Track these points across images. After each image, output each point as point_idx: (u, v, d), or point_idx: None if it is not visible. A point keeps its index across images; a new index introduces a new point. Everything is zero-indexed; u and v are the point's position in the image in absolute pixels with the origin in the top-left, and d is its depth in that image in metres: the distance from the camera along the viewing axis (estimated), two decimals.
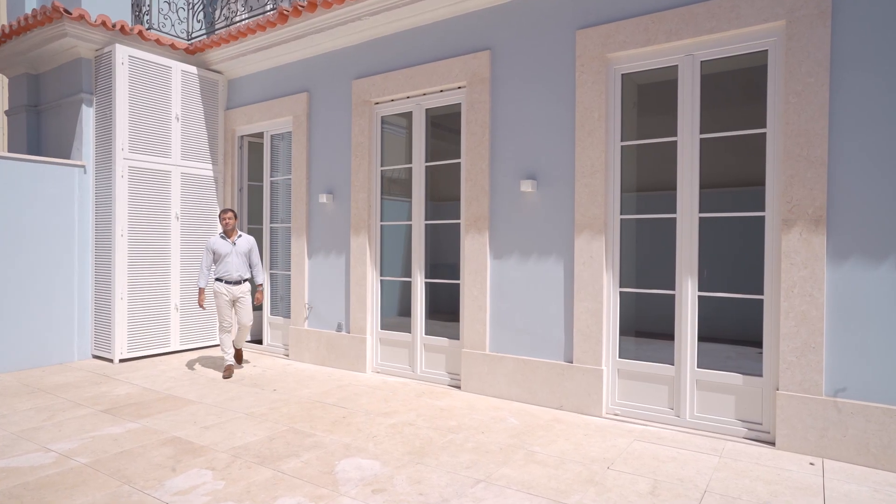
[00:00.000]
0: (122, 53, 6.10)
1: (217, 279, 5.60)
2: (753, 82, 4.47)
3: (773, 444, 3.65)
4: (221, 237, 5.64)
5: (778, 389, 3.63)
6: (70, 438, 3.77)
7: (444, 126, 5.90)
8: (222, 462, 3.38)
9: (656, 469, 3.30)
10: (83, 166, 6.31)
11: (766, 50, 3.74)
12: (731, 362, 5.67)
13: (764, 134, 3.78)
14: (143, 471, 3.24)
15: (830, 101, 3.46)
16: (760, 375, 3.78)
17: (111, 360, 6.15)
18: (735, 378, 3.86)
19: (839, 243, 3.45)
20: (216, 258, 5.59)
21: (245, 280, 5.68)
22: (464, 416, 4.31)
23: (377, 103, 5.78)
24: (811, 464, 3.36)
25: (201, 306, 5.61)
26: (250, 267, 5.78)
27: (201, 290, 5.62)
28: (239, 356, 5.97)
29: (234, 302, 5.64)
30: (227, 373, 5.56)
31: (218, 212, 7.13)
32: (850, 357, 3.42)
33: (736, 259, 6.53)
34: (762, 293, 3.78)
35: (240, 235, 5.72)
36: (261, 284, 5.88)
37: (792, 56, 3.56)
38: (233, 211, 5.74)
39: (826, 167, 3.46)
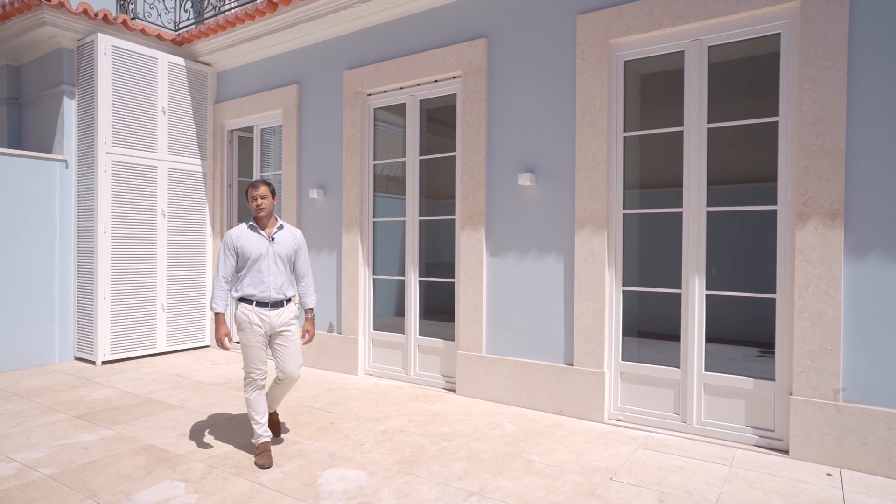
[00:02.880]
0: (105, 43, 5.87)
1: (242, 299, 3.40)
2: (763, 73, 4.26)
3: (786, 452, 3.43)
4: (251, 228, 3.45)
5: (791, 394, 3.40)
6: (37, 447, 3.54)
7: (441, 120, 5.69)
8: (197, 473, 3.15)
9: (662, 480, 3.07)
10: (65, 161, 6.08)
11: (779, 33, 3.52)
12: (737, 364, 5.46)
13: (776, 123, 3.55)
14: (110, 483, 3.01)
15: (848, 87, 3.24)
16: (772, 379, 3.56)
17: (94, 363, 5.92)
18: (745, 382, 3.64)
19: (858, 238, 3.22)
20: (241, 264, 3.42)
21: (289, 300, 3.51)
22: (458, 422, 4.08)
23: (370, 95, 5.56)
24: (828, 474, 3.13)
25: (222, 345, 3.36)
26: (296, 278, 3.63)
27: (218, 318, 3.40)
28: (275, 424, 3.69)
29: (270, 338, 3.45)
30: (264, 459, 3.26)
31: (207, 208, 6.90)
32: (870, 360, 3.19)
33: (745, 256, 6.32)
34: (774, 292, 3.55)
35: (280, 227, 3.51)
36: (311, 309, 3.66)
37: (806, 39, 3.34)
38: (268, 185, 3.47)
39: (844, 157, 3.24)
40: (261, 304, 3.38)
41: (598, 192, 4.08)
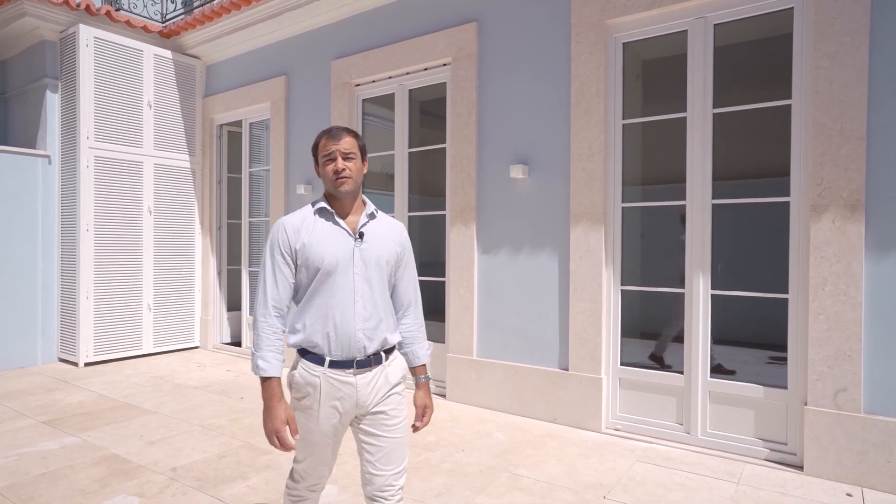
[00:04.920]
0: (87, 35, 5.68)
1: (304, 352, 1.84)
2: (774, 56, 3.94)
3: (800, 468, 3.12)
4: (320, 213, 1.89)
5: (806, 404, 3.09)
6: None
7: (435, 113, 5.41)
8: (156, 486, 2.92)
9: (661, 499, 2.78)
10: (48, 156, 5.90)
11: (792, 7, 3.21)
12: (748, 368, 5.14)
13: (789, 106, 3.24)
14: (60, 498, 2.79)
15: (870, 64, 2.92)
16: (784, 387, 3.25)
17: (76, 364, 5.74)
18: (755, 390, 3.33)
19: (880, 232, 2.91)
20: (302, 279, 1.86)
21: (390, 350, 1.91)
22: (444, 430, 3.82)
23: (357, 85, 5.31)
24: (848, 494, 2.82)
25: (283, 443, 1.74)
26: (396, 309, 2.00)
27: (269, 388, 1.77)
28: None
29: (352, 423, 1.88)
30: None
31: (196, 205, 6.69)
32: (895, 367, 2.88)
33: (754, 253, 5.98)
34: (786, 291, 3.24)
35: (371, 215, 1.94)
36: (425, 367, 2.04)
37: (823, 12, 3.03)
38: (356, 137, 1.90)
39: (864, 142, 2.93)
40: (339, 363, 1.78)
41: (595, 185, 3.79)
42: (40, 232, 5.87)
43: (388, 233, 1.95)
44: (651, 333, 4.84)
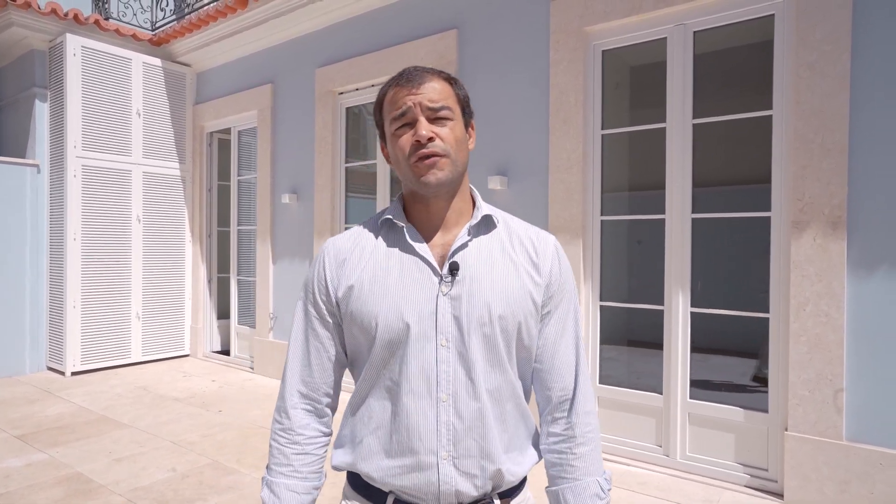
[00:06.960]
0: (74, 44, 5.68)
1: (355, 481, 1.06)
2: (756, 64, 3.80)
3: (780, 495, 2.98)
4: (387, 227, 1.08)
5: (787, 430, 2.95)
6: None
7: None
8: None
9: None
10: (36, 165, 5.92)
11: (773, 14, 3.07)
12: (747, 379, 4.98)
13: (769, 117, 3.10)
14: None
15: (852, 73, 2.78)
16: (765, 411, 3.10)
17: (63, 373, 5.74)
18: (735, 413, 3.19)
19: (864, 250, 2.76)
20: (357, 350, 1.05)
21: (510, 493, 1.05)
22: None
23: (341, 93, 5.24)
24: None
25: None
26: (541, 402, 1.10)
27: None
28: None
29: None
30: None
31: (186, 213, 6.67)
32: (878, 393, 2.73)
33: (737, 267, 5.80)
34: (767, 310, 3.10)
35: (485, 224, 1.06)
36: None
37: (804, 18, 2.89)
38: (446, 78, 1.05)
39: (847, 155, 2.78)
40: None
41: (574, 197, 3.67)
42: (29, 241, 5.88)
43: (515, 255, 1.05)
44: (641, 342, 4.71)
